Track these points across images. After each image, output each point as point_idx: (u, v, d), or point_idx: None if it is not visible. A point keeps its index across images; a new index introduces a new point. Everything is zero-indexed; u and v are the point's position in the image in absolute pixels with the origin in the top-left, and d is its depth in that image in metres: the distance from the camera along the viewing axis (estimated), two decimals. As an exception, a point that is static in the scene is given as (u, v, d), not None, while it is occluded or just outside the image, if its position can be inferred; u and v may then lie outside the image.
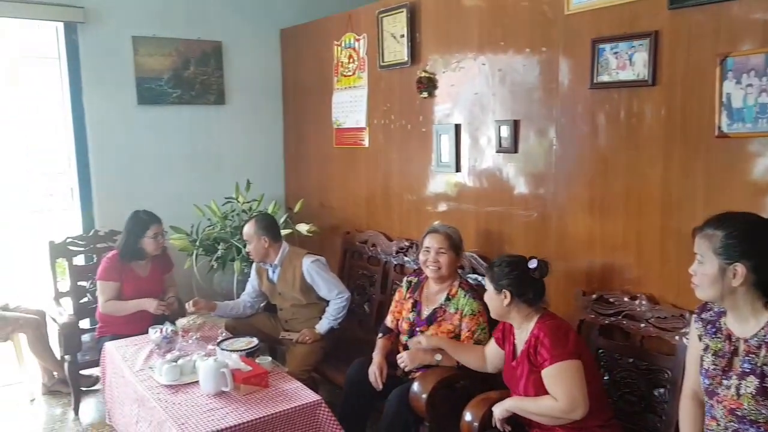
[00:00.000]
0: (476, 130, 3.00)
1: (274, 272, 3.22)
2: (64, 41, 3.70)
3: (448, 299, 2.61)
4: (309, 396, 2.36)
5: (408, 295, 2.77)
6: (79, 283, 3.51)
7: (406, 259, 3.33)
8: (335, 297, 3.10)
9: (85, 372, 3.31)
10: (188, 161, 4.19)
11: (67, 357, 3.13)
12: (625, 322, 2.29)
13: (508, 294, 2.09)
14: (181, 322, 2.96)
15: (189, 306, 3.02)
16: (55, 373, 3.38)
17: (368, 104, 3.69)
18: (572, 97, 2.52)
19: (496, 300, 2.14)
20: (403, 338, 2.71)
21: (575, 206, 2.56)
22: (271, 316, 3.35)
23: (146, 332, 2.86)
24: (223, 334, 2.90)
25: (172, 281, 3.44)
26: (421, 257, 2.65)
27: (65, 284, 3.54)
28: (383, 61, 3.50)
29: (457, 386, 2.50)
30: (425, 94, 3.22)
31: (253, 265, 3.34)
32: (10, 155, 6.33)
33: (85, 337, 3.37)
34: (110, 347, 2.85)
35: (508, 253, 2.55)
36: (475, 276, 2.90)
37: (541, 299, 2.14)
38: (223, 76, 4.28)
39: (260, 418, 2.19)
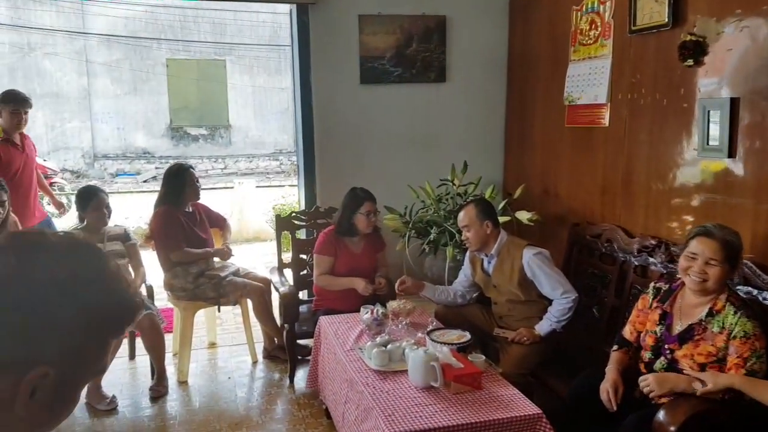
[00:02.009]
0: (760, 106, 2.37)
1: (489, 263, 2.99)
2: (296, 23, 3.92)
3: (710, 315, 2.10)
4: (528, 407, 2.09)
5: (655, 305, 2.30)
6: (300, 256, 3.70)
7: (650, 260, 2.82)
8: (560, 297, 2.75)
9: (301, 342, 3.48)
10: (406, 141, 4.17)
11: (285, 326, 3.31)
12: None
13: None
14: (392, 305, 2.89)
15: (377, 285, 3.00)
16: (275, 339, 3.62)
17: (611, 76, 3.22)
18: None
19: None
20: (646, 355, 2.26)
21: None
22: (484, 309, 3.13)
23: (358, 310, 2.86)
24: (434, 323, 2.76)
25: (384, 261, 3.43)
26: (682, 262, 2.16)
27: (288, 256, 3.77)
28: (634, 25, 3.00)
29: (717, 422, 2.00)
30: (690, 62, 2.66)
31: (467, 253, 3.15)
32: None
33: (303, 308, 3.54)
34: (324, 322, 2.91)
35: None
36: (748, 289, 2.31)
37: None
38: (446, 52, 4.16)
39: (472, 423, 1.99)
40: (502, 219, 3.60)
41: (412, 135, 4.18)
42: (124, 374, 3.44)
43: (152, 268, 3.52)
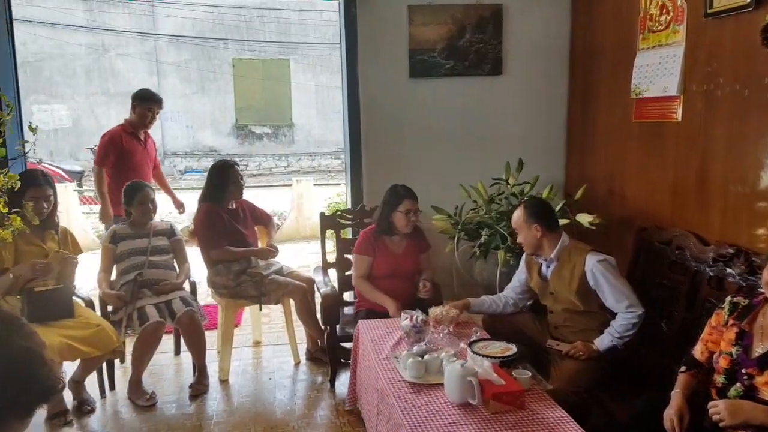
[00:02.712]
0: None
1: (548, 267, 2.77)
2: (344, 16, 3.81)
3: (799, 338, 1.81)
4: (576, 434, 1.87)
5: (731, 322, 2.02)
6: (345, 256, 3.60)
7: (727, 271, 2.50)
8: (625, 310, 2.50)
9: (345, 345, 3.37)
10: (457, 137, 3.97)
11: (326, 328, 3.21)
12: None
13: None
14: (434, 311, 2.72)
15: (421, 288, 2.93)
16: (318, 341, 3.53)
17: (684, 66, 2.91)
18: None
19: None
20: (719, 379, 1.99)
21: None
22: (537, 319, 2.91)
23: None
24: (477, 333, 2.57)
25: (428, 263, 3.26)
26: (766, 275, 1.88)
27: (333, 256, 3.67)
28: (711, 8, 2.69)
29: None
30: (776, 47, 2.34)
31: (523, 256, 2.94)
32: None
33: (348, 310, 3.44)
34: (363, 326, 2.79)
35: None
36: None
37: None
38: (502, 43, 3.93)
39: (510, 448, 1.80)
40: (562, 222, 3.37)
41: (464, 131, 3.98)
42: (168, 370, 3.46)
43: (197, 265, 3.52)
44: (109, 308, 3.12)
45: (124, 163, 3.91)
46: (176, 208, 4.49)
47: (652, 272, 2.98)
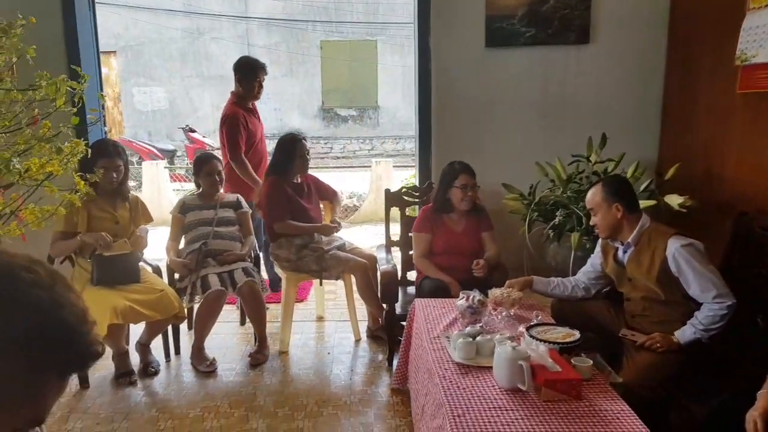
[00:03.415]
0: None
1: (625, 252, 2.56)
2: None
3: None
4: (635, 428, 1.70)
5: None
6: (409, 234, 3.52)
7: (840, 261, 2.18)
8: (711, 301, 2.26)
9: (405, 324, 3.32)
10: (536, 112, 3.77)
11: (385, 306, 3.17)
12: None
13: None
14: (494, 292, 2.60)
15: (474, 265, 2.80)
16: (379, 319, 3.50)
17: (801, 23, 2.56)
18: None
19: None
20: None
21: None
22: (612, 306, 2.71)
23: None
24: (539, 317, 2.42)
25: (491, 243, 3.13)
26: None
27: (398, 234, 3.61)
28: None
29: None
30: None
31: (599, 240, 2.74)
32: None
33: (411, 289, 3.37)
34: (419, 305, 2.71)
35: None
36: None
37: None
38: (590, 8, 3.66)
39: (558, 439, 1.67)
40: (645, 203, 3.11)
41: (544, 105, 3.76)
42: (232, 339, 3.56)
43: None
44: (176, 276, 3.25)
45: (249, 142, 3.86)
46: None
47: (751, 261, 2.66)
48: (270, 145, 3.66)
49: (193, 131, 10.95)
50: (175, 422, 2.62)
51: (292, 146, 3.46)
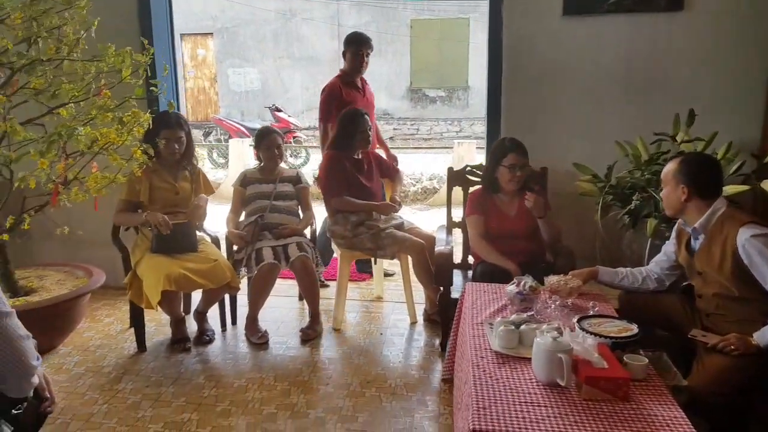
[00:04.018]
0: None
1: (695, 240, 2.29)
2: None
3: None
4: (690, 442, 1.50)
5: None
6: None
7: None
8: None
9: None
10: (618, 86, 3.45)
11: (441, 288, 3.05)
12: None
13: None
14: (550, 279, 2.41)
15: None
16: (437, 302, 3.38)
17: None
18: None
19: None
20: None
21: None
22: (688, 302, 2.44)
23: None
24: (596, 308, 2.21)
25: (549, 226, 2.91)
26: None
27: (459, 214, 3.47)
28: None
29: None
30: None
31: (676, 225, 2.48)
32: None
33: (471, 273, 3.23)
34: (469, 289, 2.57)
35: None
36: None
37: None
38: (685, -30, 3.29)
39: (594, 443, 1.50)
40: (737, 189, 2.79)
41: (627, 79, 3.43)
42: (288, 313, 3.59)
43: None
44: (235, 247, 3.31)
45: None
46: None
47: None
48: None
49: (279, 110, 11.23)
50: (219, 390, 2.67)
51: (352, 121, 3.40)
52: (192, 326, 3.27)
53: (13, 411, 1.45)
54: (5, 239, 2.87)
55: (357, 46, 3.92)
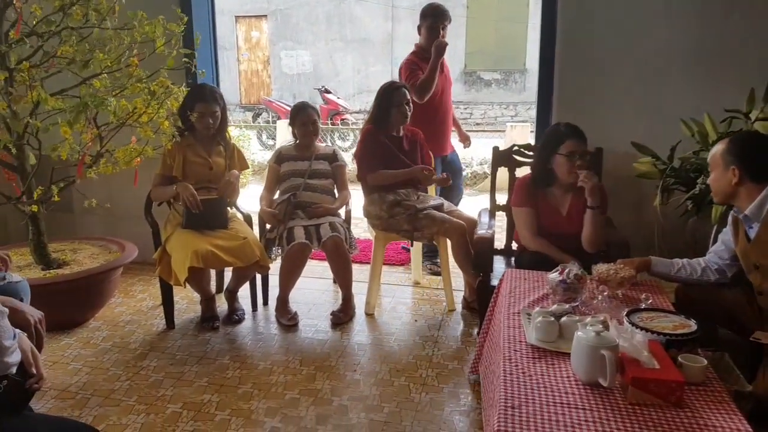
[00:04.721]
0: None
1: (750, 228, 2.05)
2: None
3: None
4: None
5: None
6: (515, 198, 3.16)
7: None
8: None
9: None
10: (686, 58, 3.13)
11: (480, 275, 2.86)
12: None
13: None
14: (599, 268, 2.19)
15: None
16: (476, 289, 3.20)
17: None
18: None
19: None
20: None
21: None
22: (754, 298, 2.17)
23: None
24: (649, 300, 1.98)
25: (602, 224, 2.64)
26: None
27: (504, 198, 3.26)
28: None
29: None
30: None
31: (731, 212, 2.23)
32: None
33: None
34: (508, 276, 2.38)
35: None
36: None
37: None
38: (768, -74, 2.93)
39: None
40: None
41: (698, 50, 3.11)
42: (321, 296, 3.49)
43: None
44: (267, 226, 3.22)
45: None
46: (461, 141, 4.28)
47: None
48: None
49: (328, 92, 11.16)
50: (243, 372, 2.59)
51: (388, 95, 3.23)
52: (223, 305, 3.21)
53: None
54: (35, 210, 2.86)
55: (434, 19, 3.67)
